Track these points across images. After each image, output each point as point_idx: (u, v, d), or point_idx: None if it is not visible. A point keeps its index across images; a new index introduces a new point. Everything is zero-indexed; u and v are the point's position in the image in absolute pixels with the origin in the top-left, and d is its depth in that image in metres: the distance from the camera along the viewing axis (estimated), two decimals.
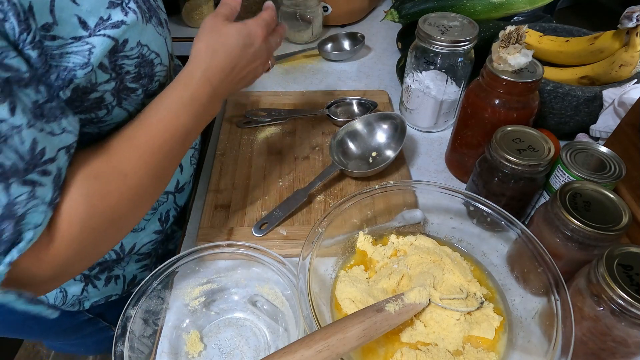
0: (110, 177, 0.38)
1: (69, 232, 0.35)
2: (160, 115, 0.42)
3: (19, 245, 0.32)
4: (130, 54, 0.40)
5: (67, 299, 0.58)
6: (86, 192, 0.36)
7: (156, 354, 0.47)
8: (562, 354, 0.37)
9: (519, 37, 0.53)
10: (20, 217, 0.32)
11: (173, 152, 0.43)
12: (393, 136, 0.67)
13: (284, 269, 0.48)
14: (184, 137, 0.44)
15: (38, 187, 0.32)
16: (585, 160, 0.51)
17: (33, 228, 0.32)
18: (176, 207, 0.63)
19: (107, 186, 0.38)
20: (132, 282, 0.64)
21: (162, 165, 0.42)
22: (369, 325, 0.39)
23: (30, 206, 0.32)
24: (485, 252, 0.52)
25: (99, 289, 0.60)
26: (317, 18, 0.97)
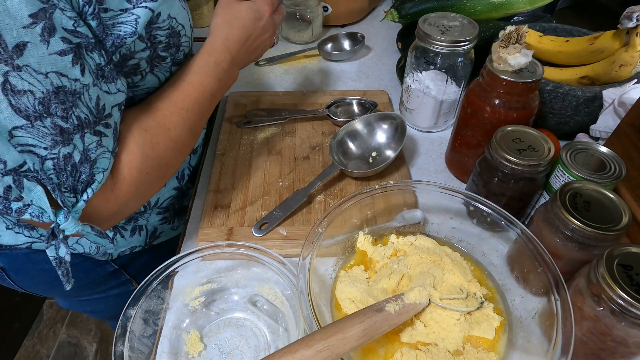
0: (156, 131, 0.45)
1: (129, 175, 0.43)
2: (190, 78, 0.49)
3: (92, 186, 0.39)
4: (162, 26, 0.45)
5: (100, 248, 0.63)
6: (140, 143, 0.44)
7: (156, 354, 0.47)
8: (562, 354, 0.37)
9: (519, 37, 0.53)
10: (93, 162, 0.38)
11: (202, 109, 0.51)
12: (393, 136, 0.67)
13: (284, 269, 0.48)
14: (210, 97, 0.51)
15: (103, 137, 0.39)
16: (585, 160, 0.51)
17: (102, 171, 0.39)
18: (190, 167, 0.69)
19: (156, 138, 0.45)
20: (154, 234, 0.70)
21: (195, 120, 0.50)
22: (369, 325, 0.39)
23: (99, 153, 0.38)
24: (485, 252, 0.52)
25: (125, 239, 0.66)
26: (317, 18, 0.97)
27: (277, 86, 0.87)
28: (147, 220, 0.67)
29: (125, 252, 0.68)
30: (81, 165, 0.37)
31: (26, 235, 0.58)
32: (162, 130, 0.46)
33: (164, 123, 0.46)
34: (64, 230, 0.38)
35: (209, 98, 0.51)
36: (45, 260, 0.61)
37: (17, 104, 0.32)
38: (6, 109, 0.32)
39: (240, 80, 0.88)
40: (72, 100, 0.35)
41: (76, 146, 0.36)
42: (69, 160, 0.36)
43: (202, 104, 0.50)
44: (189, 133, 0.49)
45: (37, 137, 0.34)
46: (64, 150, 0.36)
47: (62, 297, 0.77)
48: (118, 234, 0.64)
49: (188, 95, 0.49)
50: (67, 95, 0.35)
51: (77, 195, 0.38)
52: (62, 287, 0.69)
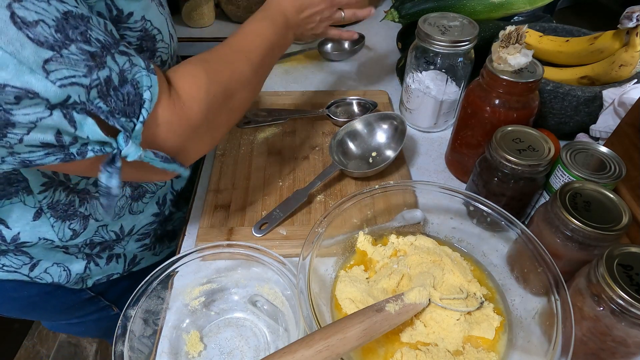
0: (219, 62, 0.45)
1: (198, 94, 0.42)
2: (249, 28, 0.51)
3: (144, 105, 0.37)
4: (134, 27, 0.43)
5: (71, 277, 0.61)
6: (204, 68, 0.43)
7: (156, 354, 0.47)
8: (562, 354, 0.37)
9: (519, 37, 0.53)
10: (134, 81, 0.37)
11: (263, 57, 0.50)
12: (393, 136, 0.67)
13: (284, 269, 0.48)
14: (269, 47, 0.51)
15: (131, 56, 0.37)
16: (585, 160, 0.51)
17: (147, 89, 0.37)
18: (173, 191, 0.67)
19: (219, 66, 0.45)
20: (133, 261, 0.68)
21: (257, 62, 0.49)
22: (369, 325, 0.39)
23: (135, 71, 0.37)
24: (485, 252, 0.52)
25: (100, 267, 0.63)
26: None
27: (277, 86, 0.87)
28: (124, 248, 0.65)
29: (101, 280, 0.65)
30: (123, 86, 0.36)
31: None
32: (225, 63, 0.46)
33: (225, 59, 0.46)
34: (126, 156, 0.36)
35: (268, 47, 0.51)
36: (14, 288, 0.59)
37: (35, 36, 0.30)
38: (27, 43, 0.30)
39: None
40: (85, 24, 0.34)
41: (112, 68, 0.35)
42: (110, 83, 0.35)
43: (262, 52, 0.50)
44: (252, 71, 0.49)
45: (71, 67, 0.32)
46: (102, 74, 0.34)
47: (43, 320, 0.75)
48: (92, 262, 0.62)
49: (249, 41, 0.49)
50: (77, 20, 0.33)
51: (132, 119, 0.37)
52: (37, 312, 0.69)
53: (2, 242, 0.51)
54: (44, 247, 0.55)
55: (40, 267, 0.57)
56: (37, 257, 0.57)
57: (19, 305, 0.65)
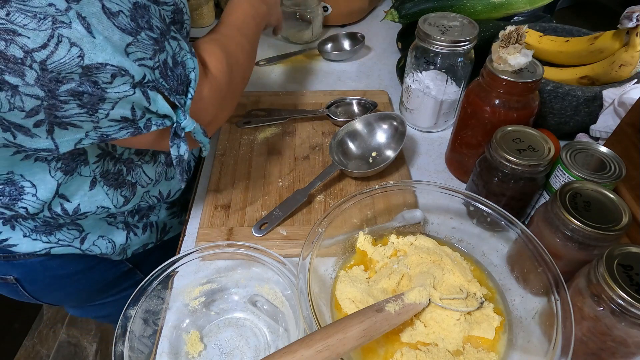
0: (225, 39, 0.52)
1: (222, 67, 0.48)
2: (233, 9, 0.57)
3: (191, 85, 0.43)
4: (168, 1, 0.46)
5: (116, 248, 0.64)
6: (218, 45, 0.50)
7: (156, 354, 0.47)
8: (562, 354, 0.37)
9: (519, 37, 0.53)
10: (182, 63, 0.42)
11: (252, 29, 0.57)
12: (393, 136, 0.67)
13: (284, 269, 0.48)
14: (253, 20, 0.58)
15: (179, 41, 0.42)
16: (585, 160, 0.51)
17: (192, 70, 0.43)
18: (194, 158, 0.72)
19: (227, 42, 0.52)
20: (164, 230, 0.72)
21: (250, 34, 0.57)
22: (369, 325, 0.39)
23: (182, 55, 0.42)
24: (485, 252, 0.52)
25: (138, 236, 0.67)
26: (317, 18, 0.97)
27: (277, 86, 0.87)
28: (158, 216, 0.69)
29: (138, 250, 0.69)
30: (176, 67, 0.41)
31: (44, 241, 0.58)
32: (228, 39, 0.52)
33: (227, 36, 0.53)
34: (184, 127, 0.43)
35: (252, 20, 0.58)
36: (61, 265, 0.62)
37: (119, 24, 0.35)
38: (115, 30, 0.35)
39: None
40: (148, 13, 0.38)
41: (168, 52, 0.40)
42: (167, 65, 0.40)
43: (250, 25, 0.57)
44: (248, 42, 0.56)
45: (143, 50, 0.37)
46: (161, 57, 0.39)
47: (76, 303, 0.77)
48: (131, 232, 0.66)
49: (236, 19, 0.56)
50: (142, 10, 0.38)
51: (183, 96, 0.42)
52: (77, 294, 0.72)
53: (65, 215, 0.54)
54: (95, 218, 0.59)
55: (89, 240, 0.61)
56: (87, 230, 0.60)
57: (63, 284, 0.67)
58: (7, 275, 0.62)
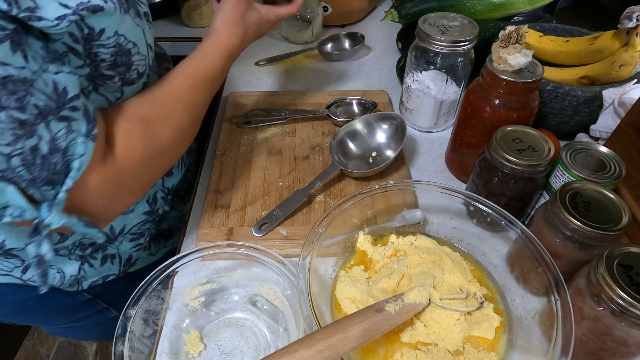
0: (159, 122, 0.46)
1: (132, 160, 0.42)
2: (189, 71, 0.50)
3: (70, 174, 0.37)
4: (107, 43, 0.41)
5: (65, 279, 0.60)
6: (143, 130, 0.44)
7: (156, 354, 0.47)
8: (562, 354, 0.37)
9: (519, 37, 0.53)
10: (65, 150, 0.36)
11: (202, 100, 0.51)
12: (393, 136, 0.67)
13: (284, 269, 0.48)
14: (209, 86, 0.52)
15: (73, 122, 0.36)
16: (585, 160, 0.51)
17: (78, 158, 0.37)
18: (164, 189, 0.65)
19: (158, 128, 0.46)
20: (128, 261, 0.67)
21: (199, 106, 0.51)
22: (369, 325, 0.39)
23: (70, 139, 0.36)
24: (485, 252, 0.52)
25: (95, 268, 0.62)
26: (317, 18, 0.97)
27: (277, 86, 0.87)
28: (118, 248, 0.64)
29: (97, 282, 0.65)
30: (52, 155, 0.35)
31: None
32: (165, 121, 0.46)
33: (165, 114, 0.47)
34: (49, 224, 0.36)
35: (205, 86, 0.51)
36: (10, 292, 0.59)
37: None
38: None
39: (240, 80, 0.88)
40: (25, 89, 0.32)
41: (42, 137, 0.34)
42: (37, 152, 0.34)
43: (203, 95, 0.51)
44: (191, 121, 0.50)
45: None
46: (28, 143, 0.33)
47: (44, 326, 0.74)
48: (86, 263, 0.61)
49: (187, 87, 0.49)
50: (17, 85, 0.32)
51: (55, 187, 0.36)
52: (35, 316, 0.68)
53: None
54: None
55: (32, 270, 0.56)
56: (28, 260, 0.56)
57: (17, 309, 0.64)
58: None
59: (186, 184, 0.72)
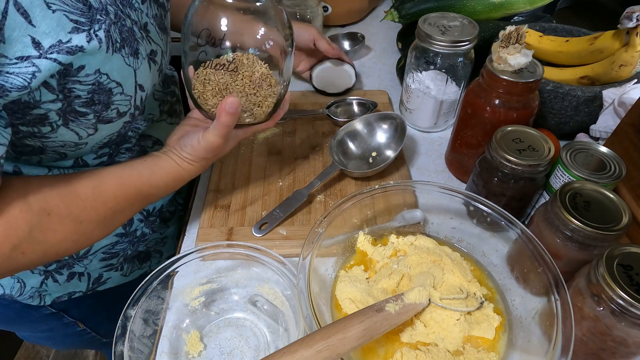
0: (64, 220, 0.40)
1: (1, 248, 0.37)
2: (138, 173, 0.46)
3: None
4: (84, 80, 0.39)
5: (25, 290, 0.57)
6: (35, 224, 0.38)
7: (156, 354, 0.47)
8: (562, 354, 0.37)
9: (519, 37, 0.53)
10: None
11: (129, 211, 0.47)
12: (393, 136, 0.67)
13: (284, 269, 0.48)
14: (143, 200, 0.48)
15: None
16: (585, 160, 0.51)
17: None
18: (142, 211, 0.62)
19: (57, 225, 0.40)
20: (98, 280, 0.63)
21: (116, 220, 0.46)
22: (369, 325, 0.39)
23: None
24: (485, 252, 0.52)
25: (60, 284, 0.59)
26: (317, 18, 0.97)
27: None
28: (86, 267, 0.60)
29: (62, 298, 0.62)
30: None
31: None
32: (72, 222, 0.41)
33: (77, 214, 0.42)
34: None
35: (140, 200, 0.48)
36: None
37: None
38: None
39: None
40: None
41: None
42: None
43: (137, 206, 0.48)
44: (101, 231, 0.46)
45: None
46: None
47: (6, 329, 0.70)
48: (50, 278, 0.58)
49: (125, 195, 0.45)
50: None
51: None
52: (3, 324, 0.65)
53: None
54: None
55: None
56: None
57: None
58: None
59: (173, 206, 0.69)
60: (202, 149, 0.48)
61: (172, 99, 0.65)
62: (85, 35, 0.37)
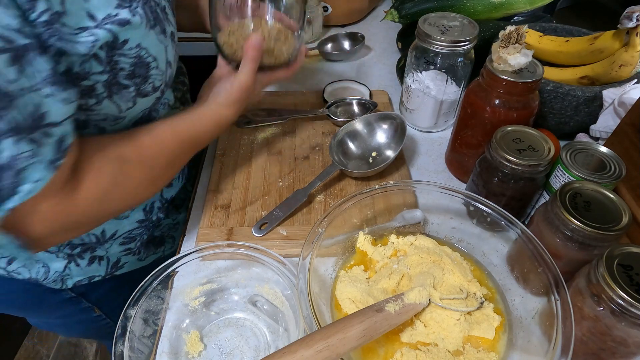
0: (137, 166, 0.46)
1: (93, 196, 0.42)
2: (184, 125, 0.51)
3: (17, 195, 0.35)
4: (128, 53, 0.43)
5: (50, 274, 0.60)
6: (115, 171, 0.44)
7: (156, 354, 0.47)
8: (562, 354, 0.37)
9: (519, 37, 0.53)
10: (20, 170, 0.35)
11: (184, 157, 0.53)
12: (393, 136, 0.67)
13: (284, 269, 0.48)
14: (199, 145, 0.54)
15: (42, 147, 0.36)
16: (585, 160, 0.51)
17: (32, 182, 0.36)
18: (162, 199, 0.65)
19: (133, 172, 0.46)
20: (116, 264, 0.66)
21: (176, 166, 0.52)
22: (369, 325, 0.39)
23: (31, 162, 0.35)
24: (485, 252, 0.52)
25: (81, 267, 0.62)
26: (317, 18, 0.97)
27: (277, 86, 0.87)
28: (107, 251, 0.63)
29: (82, 282, 0.64)
30: (3, 171, 0.34)
31: None
32: (144, 167, 0.47)
33: (145, 161, 0.47)
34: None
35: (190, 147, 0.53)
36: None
37: None
38: None
39: None
40: (6, 102, 0.33)
41: (3, 150, 0.33)
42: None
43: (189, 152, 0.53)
44: (169, 172, 0.51)
45: None
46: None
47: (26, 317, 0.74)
48: (73, 262, 0.61)
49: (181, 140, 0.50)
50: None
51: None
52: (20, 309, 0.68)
53: None
54: None
55: (18, 261, 0.57)
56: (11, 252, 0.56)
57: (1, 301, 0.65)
58: None
59: (184, 194, 0.72)
60: (236, 91, 0.54)
61: (183, 88, 0.68)
62: (129, 11, 0.41)
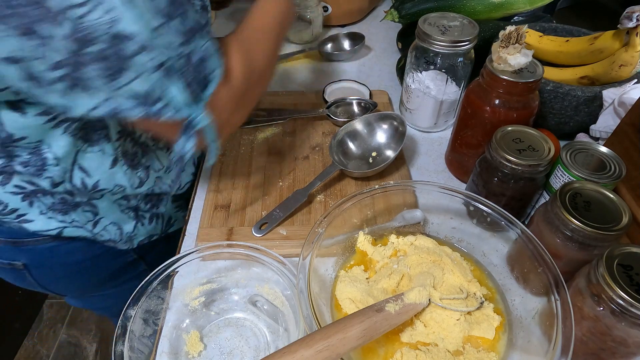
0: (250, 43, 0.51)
1: (242, 71, 0.47)
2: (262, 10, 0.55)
3: (213, 81, 0.43)
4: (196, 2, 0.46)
5: (123, 235, 0.66)
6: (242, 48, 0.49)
7: (156, 354, 0.47)
8: (562, 354, 0.37)
9: (519, 37, 0.53)
10: (207, 61, 0.42)
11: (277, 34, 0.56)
12: (393, 136, 0.67)
13: (284, 269, 0.48)
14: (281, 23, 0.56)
15: (210, 39, 0.43)
16: (585, 160, 0.51)
17: (218, 67, 0.43)
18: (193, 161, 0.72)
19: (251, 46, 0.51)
20: (169, 222, 0.73)
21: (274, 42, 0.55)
22: (369, 325, 0.39)
23: (210, 52, 0.43)
24: (485, 252, 0.52)
25: (145, 226, 0.69)
26: (317, 18, 0.97)
27: (277, 86, 0.87)
28: (165, 207, 0.71)
29: (144, 241, 0.70)
30: (202, 62, 0.42)
31: (58, 220, 0.58)
32: (254, 43, 0.52)
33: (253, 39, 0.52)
34: (197, 123, 0.42)
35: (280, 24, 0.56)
36: (69, 252, 0.63)
37: (157, 4, 0.36)
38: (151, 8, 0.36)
39: None
40: (183, 7, 0.39)
41: (194, 47, 0.41)
42: (191, 59, 0.40)
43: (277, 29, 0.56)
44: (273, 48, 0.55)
45: (172, 36, 0.38)
46: (187, 49, 0.40)
47: (78, 294, 0.78)
48: (139, 222, 0.67)
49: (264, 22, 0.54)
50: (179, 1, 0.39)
51: (203, 91, 0.43)
52: (82, 283, 0.73)
53: (83, 189, 0.55)
54: (110, 200, 0.60)
55: (101, 224, 0.62)
56: (101, 214, 0.61)
57: (68, 272, 0.68)
58: (15, 260, 0.63)
59: None
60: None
61: None
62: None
